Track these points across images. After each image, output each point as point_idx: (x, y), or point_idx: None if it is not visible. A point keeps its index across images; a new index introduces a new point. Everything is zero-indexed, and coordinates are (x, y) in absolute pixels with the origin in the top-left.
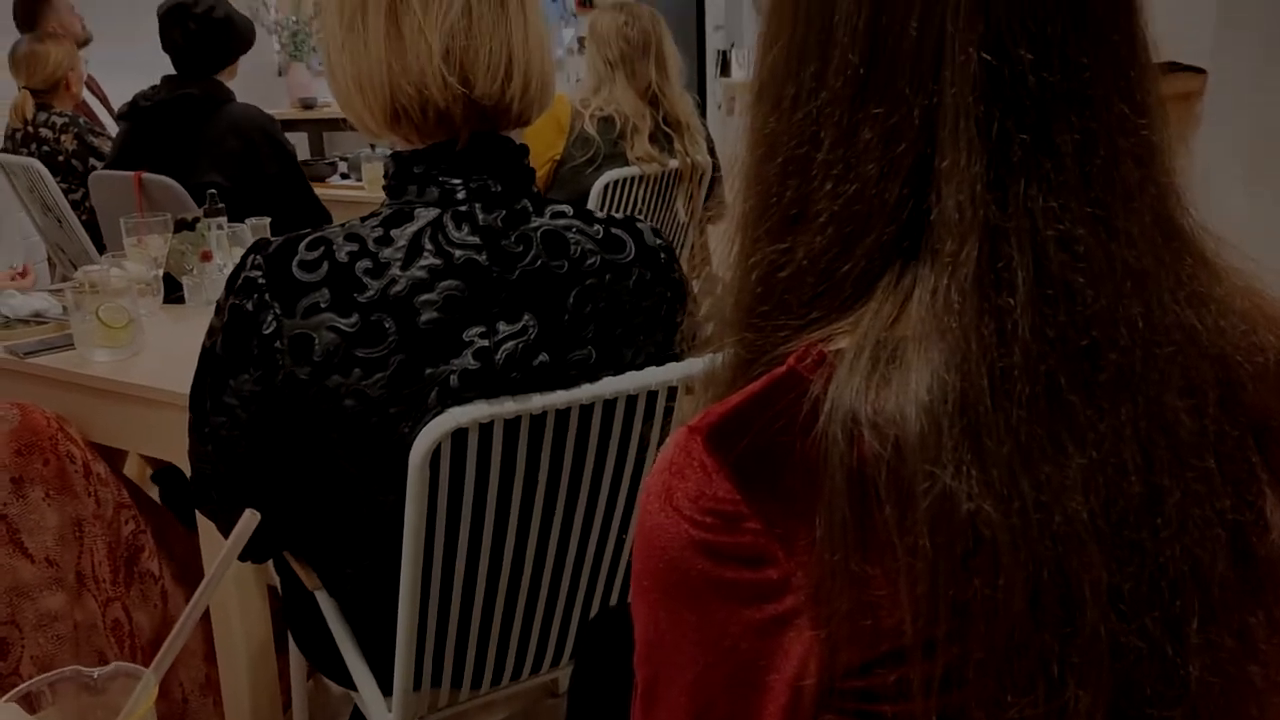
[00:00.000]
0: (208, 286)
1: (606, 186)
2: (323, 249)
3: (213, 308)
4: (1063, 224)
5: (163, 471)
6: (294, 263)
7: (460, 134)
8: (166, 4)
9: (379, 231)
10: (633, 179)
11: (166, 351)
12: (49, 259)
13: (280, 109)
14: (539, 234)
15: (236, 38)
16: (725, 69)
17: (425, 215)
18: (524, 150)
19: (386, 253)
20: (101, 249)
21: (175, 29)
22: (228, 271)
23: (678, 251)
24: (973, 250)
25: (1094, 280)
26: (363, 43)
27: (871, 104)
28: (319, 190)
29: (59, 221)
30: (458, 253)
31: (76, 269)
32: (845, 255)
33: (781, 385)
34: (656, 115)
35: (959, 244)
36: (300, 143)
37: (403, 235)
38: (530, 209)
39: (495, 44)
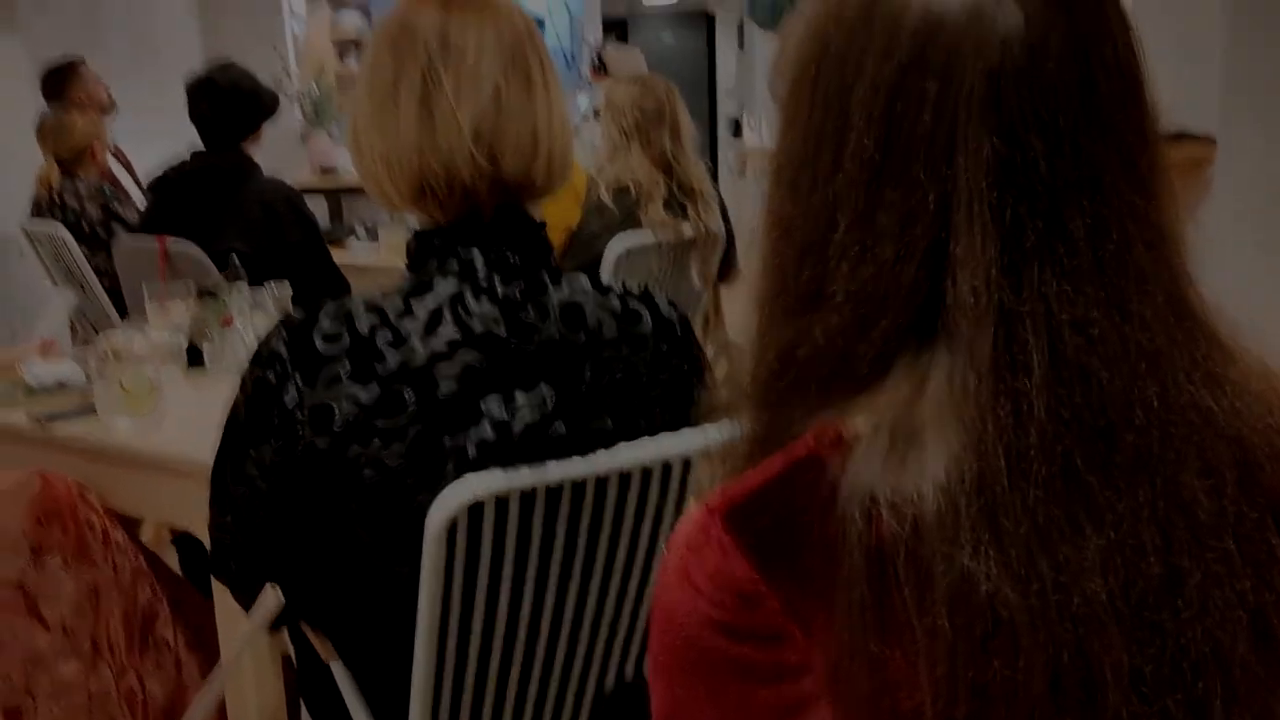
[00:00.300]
0: (228, 352)
1: (621, 253)
2: (344, 321)
3: (233, 373)
4: (1076, 308)
5: (182, 539)
6: (316, 334)
7: (484, 208)
8: (194, 77)
9: (400, 304)
10: (647, 246)
11: (187, 419)
12: (70, 324)
13: (301, 175)
14: (557, 306)
15: (262, 109)
16: (737, 132)
17: (445, 288)
18: (542, 224)
19: (407, 325)
20: (124, 315)
21: (203, 102)
22: (248, 337)
23: (691, 317)
24: (988, 333)
25: (1109, 362)
26: (394, 122)
27: (887, 188)
28: (337, 255)
29: (81, 287)
30: (477, 325)
31: (98, 333)
32: (862, 337)
33: (800, 466)
34: (671, 183)
35: (974, 327)
36: (319, 208)
37: (423, 307)
38: (548, 281)
39: (522, 124)
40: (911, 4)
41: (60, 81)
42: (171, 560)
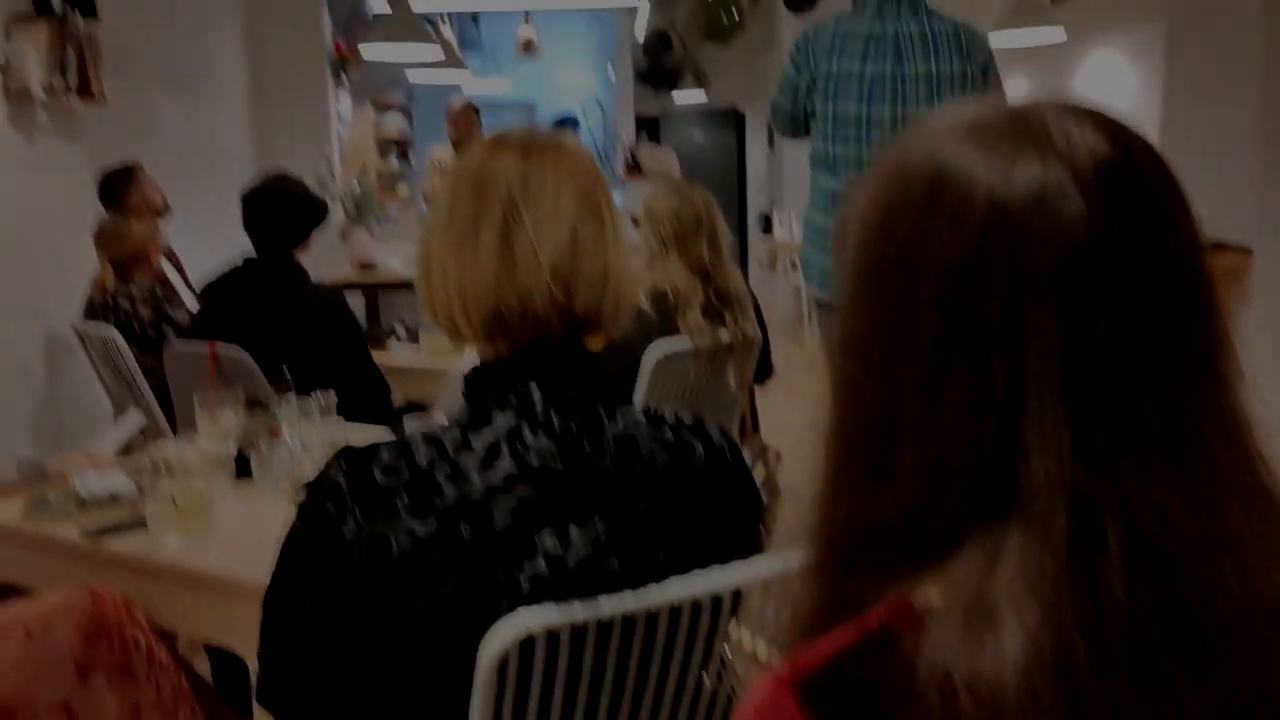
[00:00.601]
0: (276, 464)
1: (659, 359)
2: (403, 454)
3: (281, 485)
4: (1151, 492)
5: (220, 654)
6: (375, 467)
7: (552, 340)
8: (249, 187)
9: (458, 437)
10: (685, 351)
11: (236, 536)
12: (114, 420)
13: (340, 270)
14: (612, 440)
15: (313, 219)
16: (767, 227)
17: (503, 421)
18: (598, 357)
19: (465, 458)
20: (170, 417)
21: (257, 212)
22: (296, 448)
23: (728, 421)
24: (1062, 515)
25: (1188, 550)
26: (473, 256)
27: (956, 368)
28: (378, 356)
29: (129, 387)
30: (533, 459)
31: (143, 433)
32: (932, 511)
33: (873, 639)
34: (708, 289)
35: (1048, 507)
36: (357, 303)
37: (480, 441)
38: (603, 414)
39: (595, 261)
40: (976, 190)
41: (118, 186)
42: (202, 666)
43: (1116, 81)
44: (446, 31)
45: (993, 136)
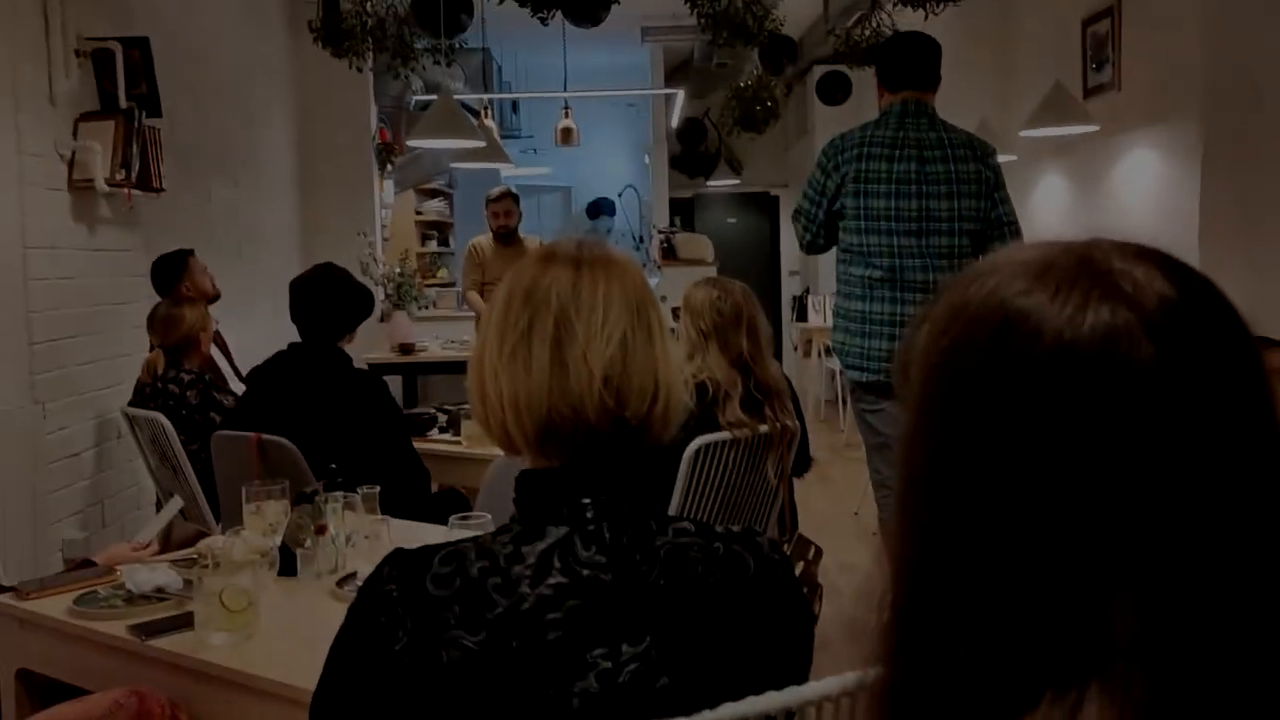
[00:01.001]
0: (321, 560)
1: (698, 450)
2: (455, 564)
3: (324, 580)
4: (1232, 654)
5: None
6: (428, 578)
7: (605, 450)
8: (300, 280)
9: (510, 548)
10: (723, 443)
11: (281, 634)
12: (157, 502)
13: (380, 353)
14: (662, 552)
15: (361, 311)
16: (801, 314)
17: (555, 534)
18: (648, 468)
19: (516, 570)
20: (214, 503)
21: (305, 304)
22: (341, 544)
23: (767, 513)
24: (1142, 676)
25: (1266, 711)
26: (524, 368)
27: (1026, 517)
28: (418, 444)
29: (175, 472)
30: (585, 571)
31: (185, 518)
32: (1008, 667)
33: None
34: (748, 382)
35: (1128, 668)
36: (395, 385)
37: (533, 553)
38: (654, 526)
39: (646, 371)
40: (1044, 330)
41: (170, 273)
42: None
43: (1152, 175)
44: (488, 120)
45: (1057, 278)
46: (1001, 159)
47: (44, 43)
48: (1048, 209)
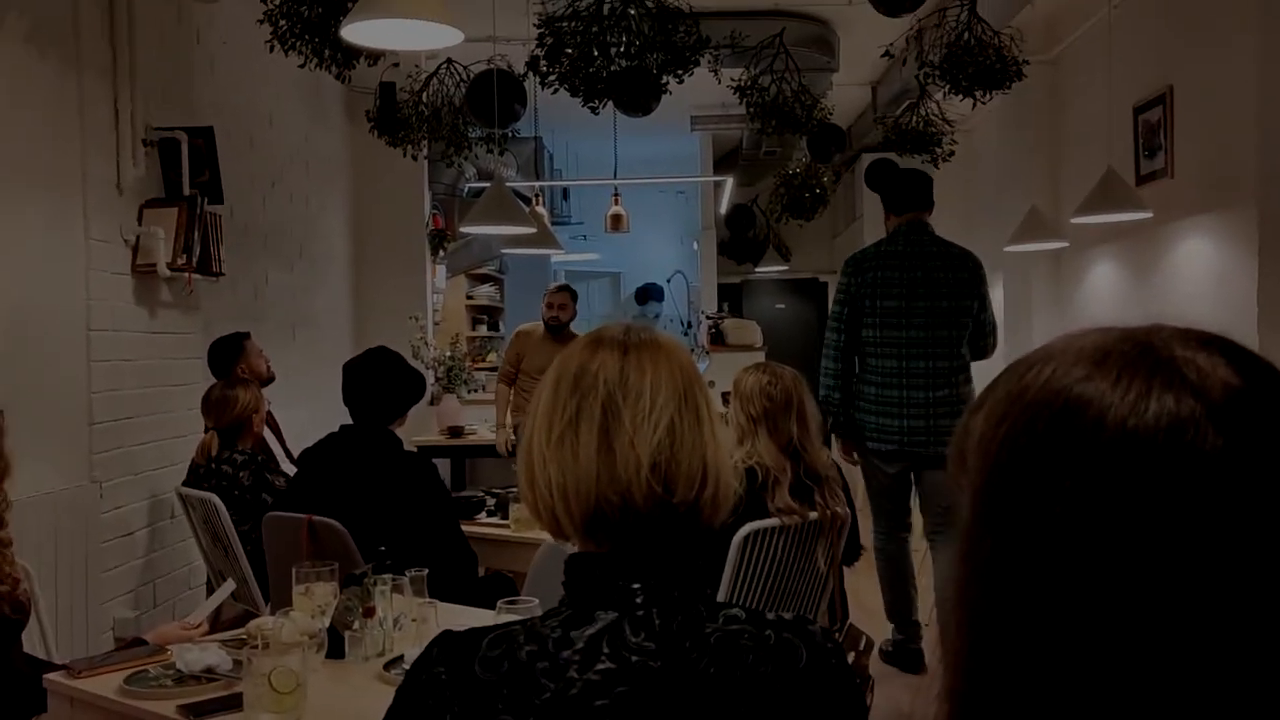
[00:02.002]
0: (368, 642)
1: (747, 537)
2: (504, 647)
3: (371, 664)
4: None
5: None
6: (476, 661)
7: (654, 536)
8: (353, 363)
9: (559, 632)
10: (773, 529)
11: (328, 717)
12: (207, 582)
13: (429, 434)
14: (713, 640)
15: (413, 396)
16: None
17: (604, 619)
18: (699, 554)
19: (565, 654)
20: (264, 584)
21: (359, 385)
22: (389, 627)
23: (817, 600)
24: None
25: None
26: (571, 455)
27: (1092, 604)
28: (466, 528)
29: (226, 552)
30: (634, 658)
31: (235, 599)
32: None
33: None
34: (798, 468)
35: None
36: (444, 468)
37: (581, 637)
38: (704, 613)
39: (694, 456)
40: (1107, 418)
41: (227, 356)
42: None
43: (1207, 262)
44: (539, 207)
45: (1118, 365)
46: (1052, 245)
47: (113, 132)
48: (1099, 297)
